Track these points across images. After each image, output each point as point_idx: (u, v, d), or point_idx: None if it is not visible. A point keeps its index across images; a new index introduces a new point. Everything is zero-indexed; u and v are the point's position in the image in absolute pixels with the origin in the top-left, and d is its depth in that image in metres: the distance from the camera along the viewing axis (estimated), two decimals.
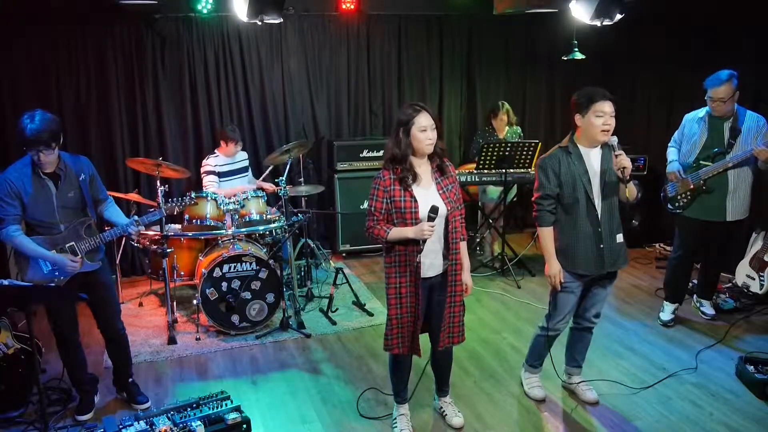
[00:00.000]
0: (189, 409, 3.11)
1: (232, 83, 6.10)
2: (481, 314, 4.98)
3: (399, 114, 3.08)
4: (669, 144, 4.61)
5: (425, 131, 2.98)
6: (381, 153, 6.24)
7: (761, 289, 4.87)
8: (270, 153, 5.63)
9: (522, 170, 5.67)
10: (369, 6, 6.40)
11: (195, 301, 4.59)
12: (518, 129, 6.24)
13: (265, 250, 4.89)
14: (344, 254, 6.44)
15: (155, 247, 4.86)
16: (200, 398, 3.18)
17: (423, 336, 3.21)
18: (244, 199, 4.83)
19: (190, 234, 4.80)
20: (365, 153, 6.35)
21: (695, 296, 4.91)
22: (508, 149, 5.53)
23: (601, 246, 3.28)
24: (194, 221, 4.76)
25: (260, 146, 6.29)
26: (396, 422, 3.39)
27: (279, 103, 6.32)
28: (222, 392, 3.25)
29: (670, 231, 4.83)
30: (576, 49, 5.81)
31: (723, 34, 5.62)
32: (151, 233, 4.86)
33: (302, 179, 5.96)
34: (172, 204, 3.88)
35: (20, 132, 3.14)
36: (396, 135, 3.03)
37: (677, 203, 4.46)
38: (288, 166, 5.15)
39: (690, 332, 4.55)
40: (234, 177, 5.42)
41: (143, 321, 4.98)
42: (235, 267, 4.56)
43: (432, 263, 3.11)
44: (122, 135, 5.81)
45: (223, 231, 4.73)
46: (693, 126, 4.38)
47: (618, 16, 4.88)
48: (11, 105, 5.40)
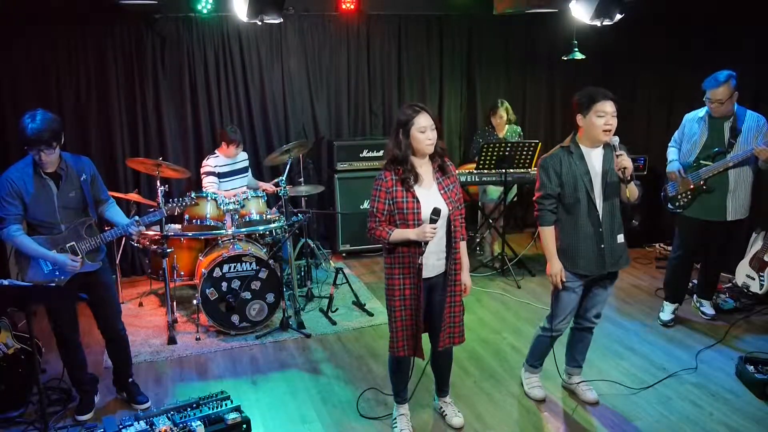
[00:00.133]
0: (189, 409, 3.11)
1: (232, 83, 6.10)
2: (481, 314, 4.98)
3: (398, 114, 3.07)
4: (669, 144, 4.62)
5: (425, 132, 2.98)
6: (381, 153, 6.25)
7: (761, 289, 4.87)
8: (270, 153, 5.63)
9: (522, 170, 5.67)
10: (369, 6, 6.40)
11: (195, 301, 4.59)
12: (518, 128, 6.24)
13: (265, 250, 4.88)
14: (344, 254, 6.44)
15: (155, 247, 4.86)
16: (200, 398, 3.18)
17: (423, 336, 3.20)
18: (244, 199, 4.83)
19: (190, 234, 4.81)
20: (365, 153, 6.35)
21: (695, 296, 4.91)
22: (508, 149, 5.53)
23: (602, 246, 3.28)
24: (194, 221, 4.76)
25: (260, 146, 6.29)
26: (396, 422, 3.39)
27: (279, 103, 6.32)
28: (222, 392, 3.25)
29: (670, 231, 4.84)
30: (576, 49, 5.81)
31: (723, 34, 5.62)
32: (151, 233, 4.85)
33: (302, 179, 5.96)
34: (173, 204, 3.88)
35: (21, 131, 3.14)
36: (396, 136, 3.02)
37: (677, 203, 4.46)
38: (288, 166, 5.15)
39: (690, 332, 4.55)
40: (234, 177, 5.42)
41: (143, 321, 4.98)
42: (235, 267, 4.56)
43: (432, 264, 3.10)
44: (122, 135, 5.81)
45: (223, 231, 4.73)
46: (693, 126, 4.39)
47: (618, 16, 4.88)
48: (11, 105, 5.41)
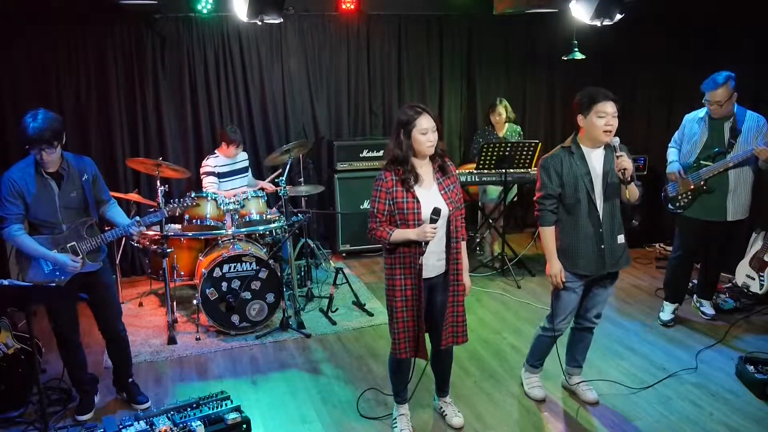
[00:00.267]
0: (189, 409, 3.11)
1: (232, 83, 6.10)
2: (481, 314, 4.98)
3: (399, 115, 3.07)
4: (669, 144, 4.62)
5: (426, 133, 2.97)
6: (381, 153, 6.25)
7: (761, 289, 4.87)
8: (270, 153, 5.63)
9: (522, 170, 5.67)
10: (369, 6, 6.40)
11: (195, 301, 4.59)
12: (518, 128, 6.23)
13: (265, 250, 4.88)
14: (344, 254, 6.44)
15: (155, 247, 4.86)
16: (200, 398, 3.18)
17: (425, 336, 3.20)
18: (244, 199, 4.84)
19: (190, 234, 4.80)
20: (365, 153, 6.35)
21: (695, 296, 4.91)
22: (508, 149, 5.53)
23: (602, 246, 3.28)
24: (194, 221, 4.76)
25: (260, 146, 6.29)
26: (396, 422, 3.39)
27: (279, 103, 6.32)
28: (222, 392, 3.25)
29: (670, 231, 4.84)
30: (576, 49, 5.81)
31: (723, 34, 5.61)
32: (151, 233, 4.85)
33: (302, 179, 5.96)
34: (174, 205, 3.88)
35: (23, 131, 3.14)
36: (397, 136, 3.02)
37: (678, 203, 4.46)
38: (288, 166, 5.15)
39: (690, 332, 4.55)
40: (234, 177, 5.42)
41: (143, 321, 4.98)
42: (235, 267, 4.56)
43: (433, 264, 3.10)
44: (122, 135, 5.81)
45: (223, 231, 4.73)
46: (693, 126, 4.39)
47: (618, 16, 4.88)
48: (11, 105, 5.41)
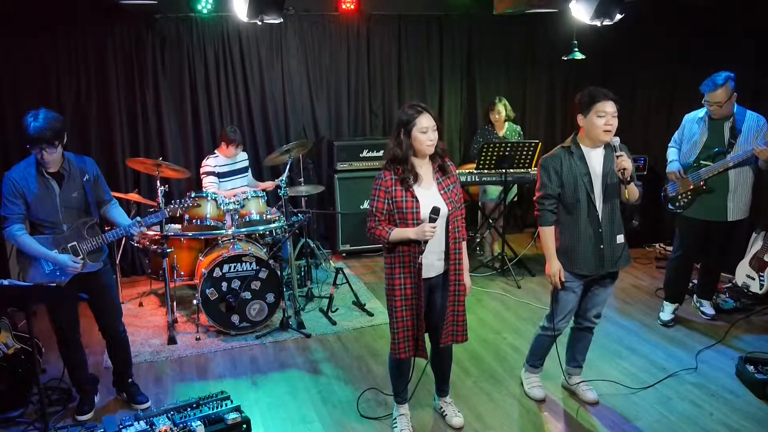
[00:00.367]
0: (189, 409, 3.11)
1: (232, 83, 6.10)
2: (481, 314, 4.98)
3: (400, 114, 3.07)
4: (669, 144, 4.62)
5: (426, 132, 2.98)
6: (381, 153, 6.25)
7: (761, 289, 4.86)
8: (270, 153, 5.63)
9: (522, 170, 5.67)
10: (369, 6, 6.40)
11: (195, 301, 4.59)
12: (518, 128, 6.23)
13: (265, 250, 4.89)
14: (344, 254, 6.44)
15: (155, 247, 4.86)
16: (200, 398, 3.18)
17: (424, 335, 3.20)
18: (244, 199, 4.83)
19: (190, 234, 4.80)
20: (365, 153, 6.35)
21: (695, 296, 4.91)
22: (508, 149, 5.52)
23: (602, 246, 3.28)
24: (194, 221, 4.75)
25: (260, 146, 6.29)
26: (396, 422, 3.39)
27: (279, 103, 6.32)
28: (222, 392, 3.25)
29: (670, 231, 4.84)
30: (576, 49, 5.81)
31: (723, 34, 5.62)
32: (151, 233, 4.85)
33: (302, 179, 5.95)
34: (175, 206, 3.88)
35: (24, 130, 3.14)
36: (397, 135, 3.02)
37: (678, 203, 4.46)
38: (288, 166, 5.15)
39: (690, 332, 4.55)
40: (234, 177, 5.42)
41: (143, 321, 4.98)
42: (235, 267, 4.56)
43: (432, 264, 3.10)
44: (122, 135, 5.81)
45: (223, 231, 4.73)
46: (693, 126, 4.39)
47: (618, 16, 4.88)
48: (11, 105, 5.41)
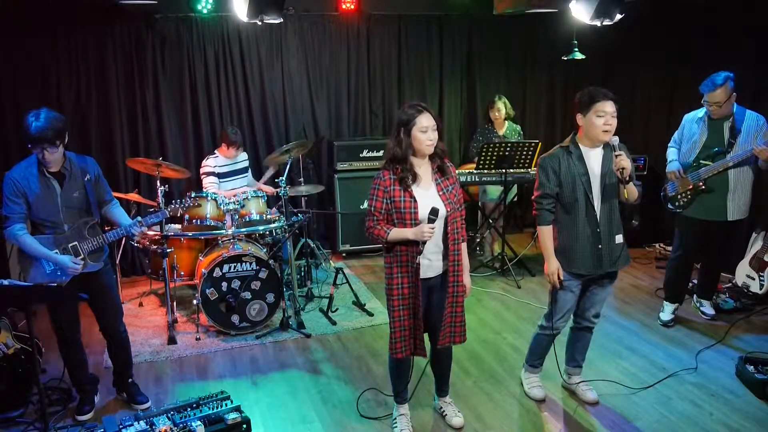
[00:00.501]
0: (189, 409, 3.11)
1: (232, 83, 6.10)
2: (481, 314, 4.98)
3: (400, 114, 3.07)
4: (669, 144, 4.62)
5: (426, 132, 2.98)
6: (381, 153, 6.25)
7: (761, 289, 4.86)
8: (270, 153, 5.63)
9: (522, 170, 5.67)
10: (369, 6, 6.40)
11: (195, 301, 4.59)
12: (518, 127, 6.23)
13: (265, 250, 4.89)
14: (344, 254, 6.44)
15: (155, 247, 4.87)
16: (200, 398, 3.18)
17: (423, 335, 3.20)
18: (244, 199, 4.84)
19: (190, 234, 4.80)
20: (365, 153, 6.35)
21: (695, 296, 4.91)
22: (508, 149, 5.52)
23: (600, 246, 3.28)
24: (194, 221, 4.75)
25: (260, 146, 6.29)
26: (396, 422, 3.39)
27: (279, 103, 6.32)
28: (222, 392, 3.25)
29: (670, 231, 4.83)
30: (576, 49, 5.81)
31: (723, 34, 5.62)
32: (151, 233, 4.85)
33: (302, 179, 5.96)
34: (176, 206, 3.89)
35: (25, 130, 3.14)
36: (397, 135, 3.03)
37: (677, 203, 4.46)
38: (288, 166, 5.15)
39: (690, 332, 4.55)
40: (234, 178, 5.42)
41: (143, 321, 4.98)
42: (235, 267, 4.56)
43: (431, 264, 3.10)
44: (122, 135, 5.81)
45: (223, 231, 4.73)
46: (693, 126, 4.39)
47: (618, 16, 4.88)
48: (11, 105, 5.41)
